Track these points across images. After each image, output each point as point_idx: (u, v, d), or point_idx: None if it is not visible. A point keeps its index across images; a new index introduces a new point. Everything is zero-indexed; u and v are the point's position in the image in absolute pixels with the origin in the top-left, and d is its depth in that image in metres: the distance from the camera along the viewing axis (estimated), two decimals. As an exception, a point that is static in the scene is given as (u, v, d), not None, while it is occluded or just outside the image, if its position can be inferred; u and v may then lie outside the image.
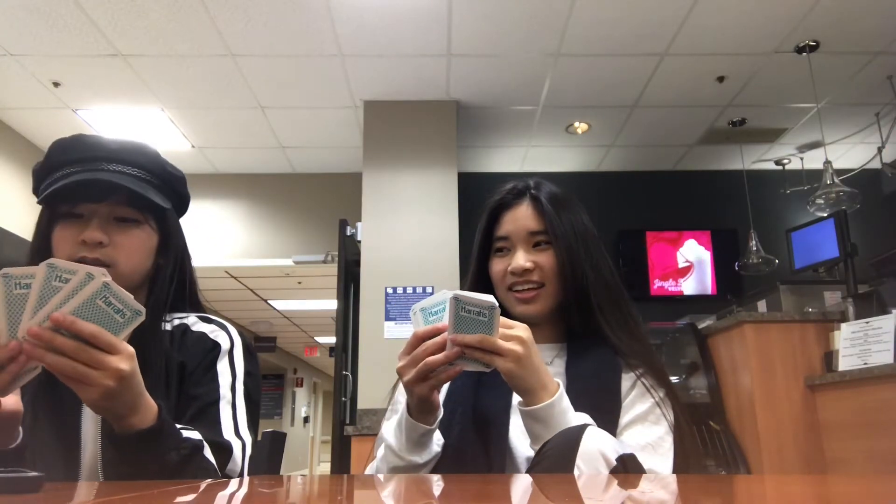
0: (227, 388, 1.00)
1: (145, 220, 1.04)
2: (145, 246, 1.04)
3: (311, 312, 9.51)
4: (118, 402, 0.78)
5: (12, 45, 3.50)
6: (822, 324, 2.78)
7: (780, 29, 3.48)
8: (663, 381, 1.05)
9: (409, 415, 0.94)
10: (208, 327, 1.07)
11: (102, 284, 0.77)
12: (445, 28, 3.45)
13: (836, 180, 3.70)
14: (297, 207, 5.20)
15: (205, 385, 0.99)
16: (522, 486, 0.72)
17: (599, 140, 4.74)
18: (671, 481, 0.79)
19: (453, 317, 0.85)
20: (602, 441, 0.85)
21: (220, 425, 0.96)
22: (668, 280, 4.98)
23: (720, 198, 5.08)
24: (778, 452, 2.63)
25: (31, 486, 0.61)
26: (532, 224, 1.10)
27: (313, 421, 16.08)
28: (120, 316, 0.78)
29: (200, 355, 1.02)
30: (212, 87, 3.97)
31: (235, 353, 1.05)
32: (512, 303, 1.10)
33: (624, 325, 1.09)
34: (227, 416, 0.98)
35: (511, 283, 1.10)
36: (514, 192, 1.14)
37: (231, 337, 1.07)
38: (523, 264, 1.08)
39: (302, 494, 0.71)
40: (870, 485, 0.74)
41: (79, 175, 0.97)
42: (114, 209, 1.01)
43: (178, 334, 1.04)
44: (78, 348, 0.74)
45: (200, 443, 0.88)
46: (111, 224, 1.00)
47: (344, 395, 3.81)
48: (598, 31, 3.48)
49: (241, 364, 1.05)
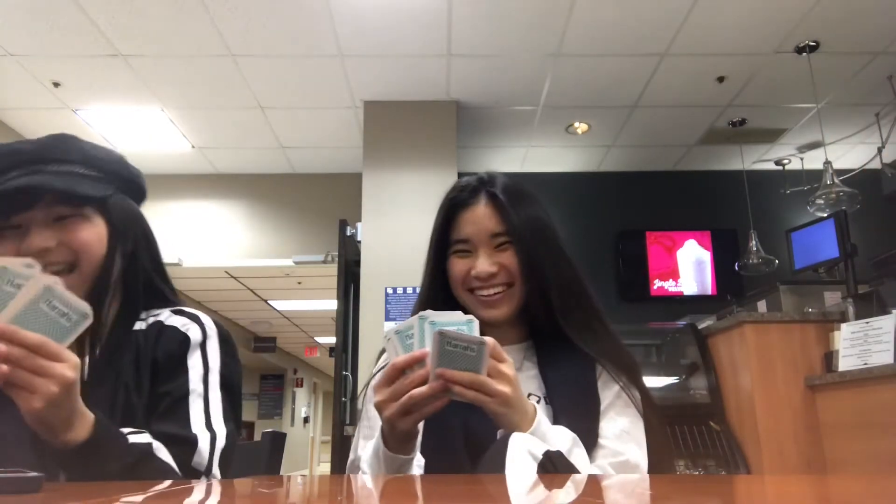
0: (197, 381, 0.97)
1: (84, 214, 0.97)
2: (95, 238, 0.97)
3: (311, 312, 9.51)
4: (58, 413, 0.75)
5: (12, 45, 3.50)
6: (823, 324, 2.78)
7: (780, 29, 3.48)
8: (627, 371, 1.04)
9: (386, 446, 0.88)
10: (180, 320, 1.02)
11: (44, 288, 0.74)
12: (445, 28, 3.45)
13: (836, 180, 3.70)
14: (297, 208, 5.20)
15: (174, 380, 0.96)
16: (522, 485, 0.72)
17: (599, 140, 4.74)
18: (670, 482, 0.79)
19: (437, 352, 0.81)
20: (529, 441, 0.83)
21: (188, 419, 0.93)
22: (667, 280, 4.98)
23: (720, 198, 5.08)
24: (778, 453, 2.63)
25: (31, 486, 0.61)
26: (492, 225, 1.05)
27: (313, 421, 16.08)
28: (66, 320, 0.76)
29: (171, 350, 0.98)
30: (212, 87, 3.97)
31: (209, 345, 1.01)
32: (475, 305, 1.07)
33: (587, 326, 1.05)
34: (198, 409, 0.95)
35: (474, 287, 1.06)
36: (468, 190, 1.09)
37: (204, 328, 1.02)
38: (489, 269, 1.04)
39: (302, 495, 0.71)
40: (870, 485, 0.74)
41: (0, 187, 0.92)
42: (49, 211, 0.95)
43: (154, 332, 1.00)
44: (22, 356, 0.72)
45: (148, 446, 0.85)
46: (51, 226, 0.95)
47: (344, 396, 3.81)
48: (598, 31, 3.48)
49: (216, 355, 1.01)
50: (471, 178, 1.12)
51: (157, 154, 4.86)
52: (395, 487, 0.75)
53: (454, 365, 0.81)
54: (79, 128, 4.40)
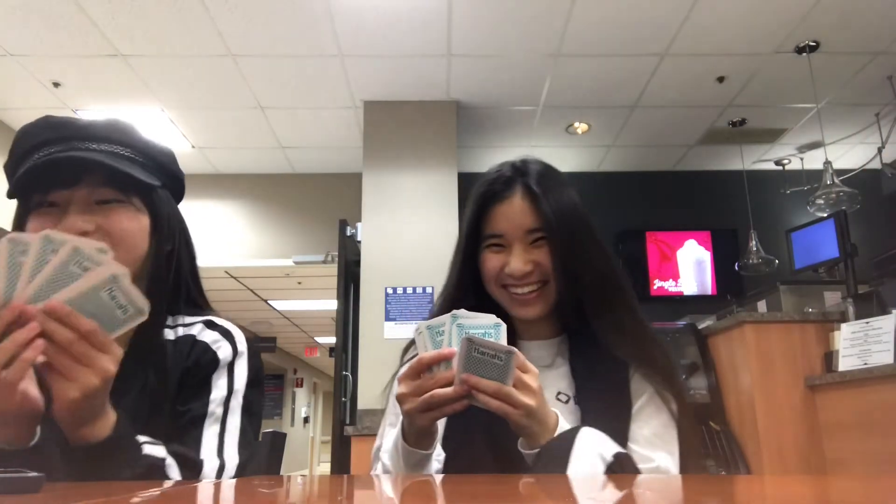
0: (218, 403, 0.92)
1: (130, 201, 0.91)
2: (136, 228, 0.91)
3: (311, 313, 9.51)
4: (89, 406, 0.72)
5: (12, 45, 3.50)
6: (823, 324, 2.78)
7: (780, 29, 3.48)
8: (660, 374, 1.00)
9: (406, 440, 0.89)
10: (211, 336, 0.97)
11: (111, 276, 0.72)
12: (445, 28, 3.45)
13: (836, 180, 3.70)
14: (297, 208, 5.20)
15: (196, 399, 0.91)
16: (522, 485, 0.72)
17: (599, 140, 4.74)
18: (670, 482, 0.79)
19: (464, 357, 0.81)
20: (597, 440, 0.84)
21: (200, 443, 0.88)
22: (667, 280, 4.98)
23: (720, 198, 5.08)
24: (778, 453, 2.63)
25: (32, 486, 0.61)
26: (528, 221, 1.02)
27: (313, 421, 16.08)
28: (122, 312, 0.73)
29: (198, 368, 0.93)
30: (212, 87, 3.97)
31: (237, 365, 0.96)
32: (508, 302, 1.04)
33: (618, 326, 1.01)
34: (212, 434, 0.90)
35: (507, 284, 1.03)
36: (502, 182, 1.05)
37: (235, 346, 0.97)
38: (523, 268, 1.01)
39: (302, 495, 0.71)
40: (870, 485, 0.74)
41: (45, 157, 0.85)
42: (92, 192, 0.88)
43: (185, 346, 0.95)
44: (71, 341, 0.69)
45: (161, 461, 0.81)
46: (92, 209, 0.88)
47: (344, 396, 3.81)
48: (598, 31, 3.48)
49: (244, 375, 0.96)
50: (504, 168, 1.08)
51: (157, 154, 4.85)
52: (400, 488, 0.75)
53: (480, 372, 0.81)
54: (79, 128, 4.39)
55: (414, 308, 3.80)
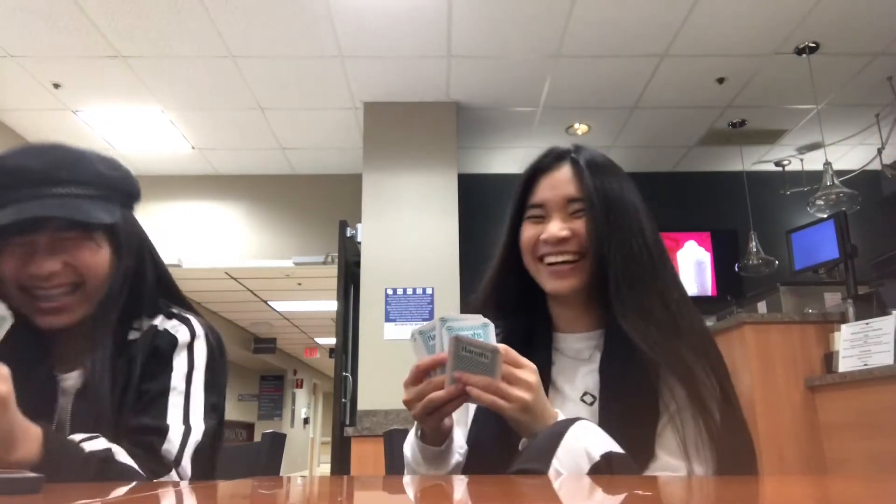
0: (180, 379, 0.98)
1: (90, 237, 0.98)
2: (100, 261, 0.99)
3: (311, 314, 9.51)
4: None
5: (12, 46, 3.50)
6: (823, 325, 2.78)
7: (780, 30, 3.49)
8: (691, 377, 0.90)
9: (420, 438, 0.93)
10: (171, 323, 1.04)
11: None
12: (445, 29, 3.45)
13: (835, 181, 3.70)
14: (297, 209, 5.20)
15: (157, 377, 0.97)
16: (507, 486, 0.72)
17: (599, 141, 4.74)
18: (670, 482, 0.79)
19: (453, 356, 0.83)
20: (589, 437, 0.80)
21: (165, 413, 0.94)
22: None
23: (720, 199, 5.08)
24: (778, 453, 2.63)
25: (31, 486, 0.61)
26: (570, 189, 1.00)
27: (313, 422, 16.07)
28: None
29: (158, 351, 0.99)
30: (212, 88, 3.97)
31: (196, 345, 1.02)
32: (543, 275, 1.01)
33: (647, 314, 0.93)
34: (176, 404, 0.95)
35: (543, 253, 1.00)
36: (553, 156, 1.04)
37: (192, 329, 1.04)
38: (557, 233, 0.98)
39: (302, 496, 0.71)
40: (870, 486, 0.74)
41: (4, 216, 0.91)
42: (55, 234, 0.95)
43: (147, 338, 1.01)
44: None
45: (107, 452, 0.84)
46: (56, 247, 0.95)
47: (344, 397, 3.81)
48: (598, 32, 3.48)
49: (203, 355, 1.02)
50: (558, 146, 1.07)
51: (157, 155, 4.86)
52: (397, 488, 0.75)
53: (469, 370, 0.83)
54: (78, 129, 4.40)
55: (414, 309, 3.80)
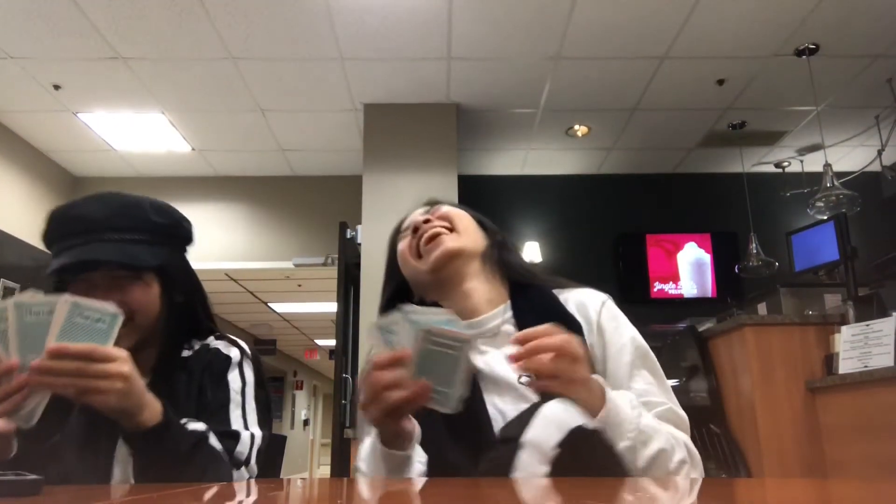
0: (236, 392, 1.12)
1: (140, 277, 1.11)
2: (148, 299, 1.12)
3: (311, 315, 9.51)
4: (130, 402, 0.86)
5: (13, 48, 3.51)
6: (823, 327, 2.77)
7: (780, 32, 3.49)
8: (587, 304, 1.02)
9: (383, 442, 0.84)
10: (222, 344, 1.19)
11: (71, 304, 0.83)
12: (445, 31, 3.45)
13: (835, 183, 3.70)
14: (297, 210, 5.20)
15: (218, 391, 1.11)
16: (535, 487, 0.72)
17: (600, 143, 4.75)
18: (670, 484, 0.79)
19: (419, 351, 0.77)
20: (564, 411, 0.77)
21: (229, 421, 1.07)
22: (668, 283, 4.97)
23: (720, 200, 5.08)
24: (778, 456, 2.62)
25: (31, 489, 0.61)
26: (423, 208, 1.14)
27: (313, 424, 16.06)
28: (102, 324, 0.85)
29: (215, 367, 1.14)
30: (212, 90, 3.97)
31: (245, 364, 1.17)
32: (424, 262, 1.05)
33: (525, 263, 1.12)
34: (237, 414, 1.09)
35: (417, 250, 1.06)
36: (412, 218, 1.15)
37: (241, 350, 1.19)
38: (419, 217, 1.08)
39: (302, 498, 0.71)
40: (870, 489, 0.74)
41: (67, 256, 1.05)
42: (110, 273, 1.08)
43: (202, 354, 1.16)
44: (79, 368, 0.81)
45: (204, 433, 0.98)
46: (111, 286, 1.08)
47: (344, 398, 3.81)
48: (598, 33, 3.48)
49: (251, 373, 1.17)
50: None
51: (157, 157, 4.86)
52: (395, 490, 0.75)
53: (436, 364, 0.77)
54: (79, 131, 4.40)
55: (414, 311, 3.79)
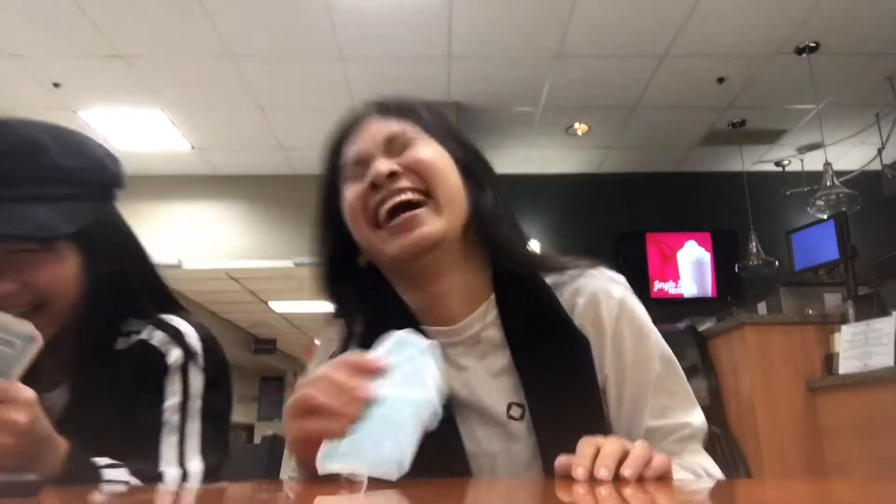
0: (173, 411, 0.86)
1: (51, 247, 0.82)
2: (63, 275, 0.83)
3: (312, 315, 9.50)
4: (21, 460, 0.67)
5: (12, 46, 3.50)
6: (823, 326, 2.77)
7: (781, 30, 3.48)
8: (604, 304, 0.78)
9: None
10: (160, 338, 0.90)
11: None
12: (446, 30, 3.45)
13: (836, 182, 3.70)
14: (297, 209, 5.19)
15: (149, 410, 0.86)
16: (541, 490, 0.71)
17: (600, 141, 4.74)
18: (670, 486, 0.79)
19: None
20: None
21: (158, 455, 0.84)
22: (668, 282, 4.97)
23: (720, 199, 5.08)
24: (778, 456, 2.62)
25: (30, 489, 0.60)
26: (388, 128, 0.82)
27: (313, 422, 16.05)
28: (9, 348, 0.66)
29: (147, 376, 0.87)
30: (212, 88, 3.97)
31: (191, 366, 0.89)
32: (382, 240, 0.76)
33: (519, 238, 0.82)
34: (170, 444, 0.85)
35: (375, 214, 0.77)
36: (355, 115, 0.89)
37: (187, 347, 0.90)
38: (382, 169, 0.76)
39: (302, 497, 0.71)
40: (871, 488, 0.73)
41: None
42: (5, 246, 0.79)
43: (134, 354, 0.89)
44: None
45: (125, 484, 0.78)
46: (10, 266, 0.80)
47: (344, 397, 3.80)
48: (599, 32, 3.48)
49: (199, 378, 0.89)
50: None
51: (156, 155, 4.86)
52: (397, 490, 0.75)
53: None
54: (79, 128, 4.37)
55: (414, 309, 3.80)
